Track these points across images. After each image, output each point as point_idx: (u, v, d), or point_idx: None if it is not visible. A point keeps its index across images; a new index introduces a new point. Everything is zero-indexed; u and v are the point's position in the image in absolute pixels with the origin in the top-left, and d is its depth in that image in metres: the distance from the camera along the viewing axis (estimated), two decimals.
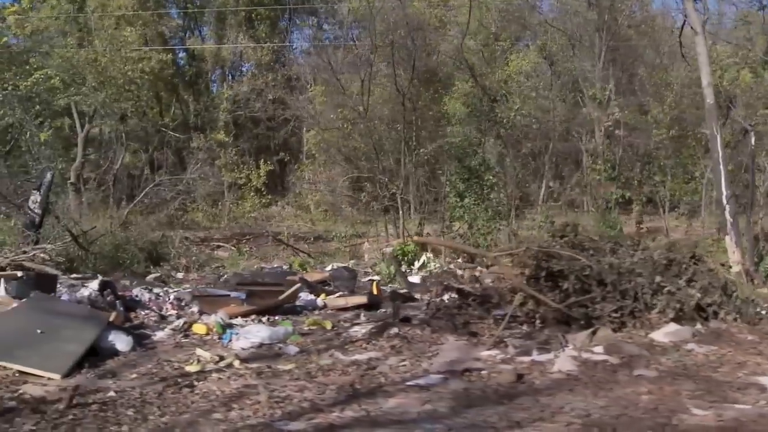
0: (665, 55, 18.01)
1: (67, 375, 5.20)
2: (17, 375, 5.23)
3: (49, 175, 12.64)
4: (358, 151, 15.09)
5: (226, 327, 6.63)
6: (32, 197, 12.39)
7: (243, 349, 6.01)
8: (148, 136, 19.70)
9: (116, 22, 18.28)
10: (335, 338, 6.41)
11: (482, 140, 13.75)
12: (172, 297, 8.21)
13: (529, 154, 14.65)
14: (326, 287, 10.00)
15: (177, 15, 22.93)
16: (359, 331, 6.47)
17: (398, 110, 16.49)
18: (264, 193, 21.46)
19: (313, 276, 10.84)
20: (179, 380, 4.97)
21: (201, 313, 7.44)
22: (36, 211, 12.30)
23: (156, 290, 8.48)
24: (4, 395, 4.67)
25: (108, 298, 7.36)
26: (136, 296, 7.96)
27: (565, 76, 15.85)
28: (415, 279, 11.72)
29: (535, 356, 5.34)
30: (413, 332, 6.24)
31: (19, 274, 10.00)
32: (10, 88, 12.93)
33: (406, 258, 13.32)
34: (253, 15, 23.43)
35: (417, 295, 9.48)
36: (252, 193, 21.01)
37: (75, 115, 16.93)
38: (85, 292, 7.53)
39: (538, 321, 6.00)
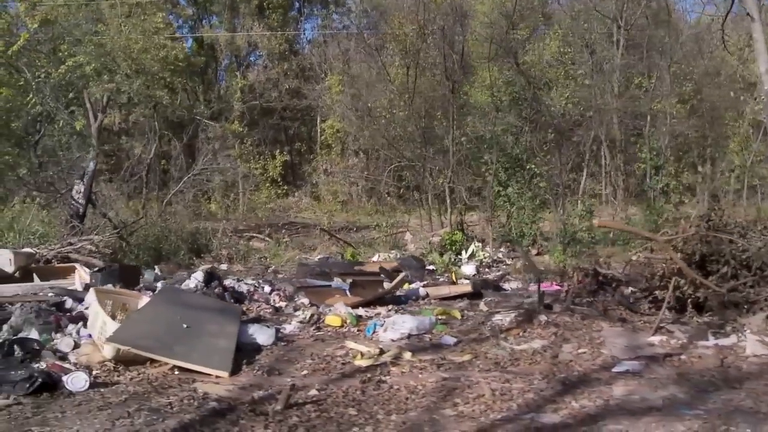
0: (683, 44, 18.17)
1: (233, 373, 4.87)
2: (176, 372, 4.88)
3: (92, 165, 12.01)
4: (400, 139, 14.73)
5: (358, 318, 6.36)
6: (75, 187, 11.77)
7: (392, 340, 5.75)
8: (157, 125, 18.79)
9: (129, 10, 17.45)
10: (480, 327, 6.19)
11: (524, 128, 13.60)
12: (267, 288, 7.85)
13: (579, 142, 14.57)
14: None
15: (186, 3, 22.11)
16: (502, 319, 6.25)
17: (428, 98, 16.28)
18: (280, 183, 20.94)
19: (382, 266, 10.54)
20: (368, 376, 4.68)
21: (312, 304, 7.13)
22: (80, 201, 11.70)
23: (249, 281, 8.08)
24: (193, 395, 4.33)
25: (216, 290, 6.97)
26: (235, 288, 7.54)
27: (606, 63, 15.80)
28: (469, 269, 11.57)
29: (715, 341, 5.23)
30: (561, 319, 6.07)
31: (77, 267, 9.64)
32: (42, 76, 12.16)
33: (453, 247, 13.13)
34: (264, 4, 22.78)
35: (503, 284, 9.41)
36: (268, 184, 20.48)
37: (88, 105, 16.11)
38: (190, 284, 7.13)
39: (690, 306, 5.89)
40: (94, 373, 4.87)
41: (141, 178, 14.26)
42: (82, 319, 6.29)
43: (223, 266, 12.70)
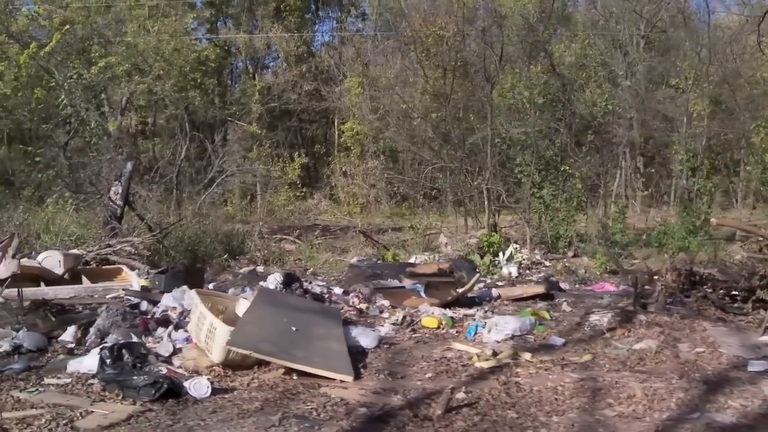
0: (702, 47, 18.27)
1: (357, 377, 4.72)
2: (294, 377, 4.71)
3: (129, 166, 11.78)
4: (432, 141, 14.59)
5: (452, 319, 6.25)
6: (113, 188, 11.53)
7: (497, 341, 5.64)
8: (188, 126, 18.15)
9: (149, 12, 17.17)
10: (578, 327, 6.09)
11: (560, 130, 13.54)
12: (338, 290, 7.70)
13: (618, 143, 14.49)
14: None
15: (203, 5, 21.76)
16: (599, 319, 6.17)
17: (457, 99, 16.18)
18: (299, 186, 20.74)
19: (433, 267, 10.41)
20: (504, 378, 4.57)
21: (393, 306, 6.99)
22: (117, 202, 11.46)
23: (320, 283, 7.92)
24: (330, 400, 4.19)
25: (297, 292, 6.80)
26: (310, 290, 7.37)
27: (639, 65, 15.76)
28: (512, 269, 11.49)
29: None
30: (661, 319, 5.98)
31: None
32: (75, 76, 11.92)
33: (491, 249, 13.04)
34: (281, 6, 22.62)
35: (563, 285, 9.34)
36: (286, 186, 20.27)
37: (106, 107, 15.81)
38: (269, 285, 6.96)
39: None
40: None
41: (171, 180, 14.03)
42: (167, 322, 6.14)
43: (260, 268, 12.50)
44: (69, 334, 5.81)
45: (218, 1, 21.45)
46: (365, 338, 5.53)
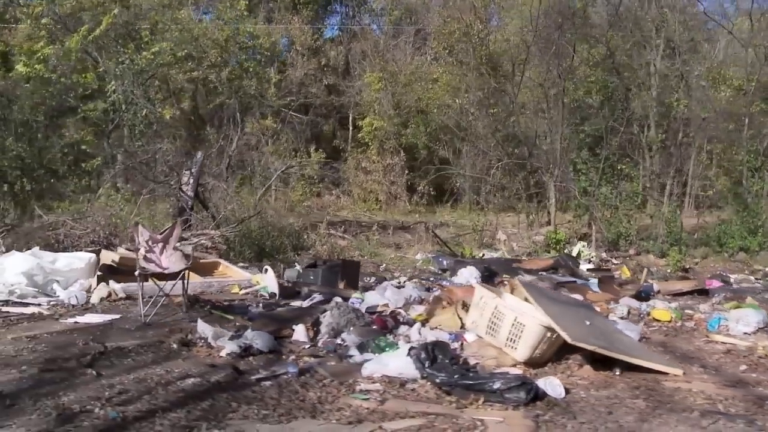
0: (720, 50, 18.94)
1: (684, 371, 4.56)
2: (617, 372, 4.47)
3: (199, 156, 10.93)
4: (490, 137, 14.45)
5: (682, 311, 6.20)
6: (184, 179, 10.67)
7: (746, 333, 5.65)
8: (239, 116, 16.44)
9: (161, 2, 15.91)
10: None
11: (620, 128, 13.71)
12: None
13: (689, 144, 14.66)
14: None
15: None
16: None
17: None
18: (317, 181, 20.03)
19: (537, 263, 10.34)
20: None
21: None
22: (188, 193, 10.63)
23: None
24: (711, 396, 4.04)
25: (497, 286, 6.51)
26: None
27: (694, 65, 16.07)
28: (584, 268, 11.55)
29: None
30: None
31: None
32: (127, 62, 10.92)
33: (558, 246, 13.07)
34: None
35: None
36: (303, 182, 19.52)
37: (158, 94, 14.50)
38: (471, 279, 6.61)
39: None
40: None
41: (222, 171, 13.15)
42: (395, 319, 5.75)
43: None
44: (301, 334, 5.34)
45: None
46: (630, 332, 5.36)
